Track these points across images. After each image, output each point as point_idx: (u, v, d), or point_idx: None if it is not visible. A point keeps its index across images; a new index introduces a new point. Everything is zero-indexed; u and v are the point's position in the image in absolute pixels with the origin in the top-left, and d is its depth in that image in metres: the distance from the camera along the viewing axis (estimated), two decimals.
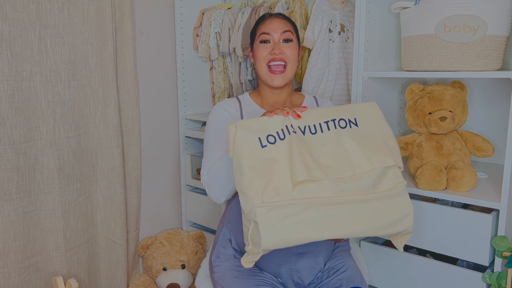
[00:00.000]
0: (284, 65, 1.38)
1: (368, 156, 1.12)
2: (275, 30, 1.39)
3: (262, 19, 1.44)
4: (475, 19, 1.35)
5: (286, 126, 1.12)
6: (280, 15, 1.44)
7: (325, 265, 1.35)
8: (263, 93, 1.45)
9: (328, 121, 1.15)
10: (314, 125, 1.14)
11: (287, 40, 1.39)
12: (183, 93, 2.28)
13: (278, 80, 1.38)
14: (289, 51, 1.38)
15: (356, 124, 1.16)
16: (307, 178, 1.06)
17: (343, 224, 1.08)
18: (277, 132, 1.11)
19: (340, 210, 1.08)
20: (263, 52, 1.39)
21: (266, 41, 1.39)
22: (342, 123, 1.16)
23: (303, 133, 1.13)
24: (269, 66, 1.38)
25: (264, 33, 1.39)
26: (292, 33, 1.41)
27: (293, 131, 1.12)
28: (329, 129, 1.14)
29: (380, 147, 1.14)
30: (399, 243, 1.19)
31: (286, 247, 1.09)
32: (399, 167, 1.16)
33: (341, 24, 1.84)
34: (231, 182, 1.27)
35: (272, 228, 1.04)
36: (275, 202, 1.05)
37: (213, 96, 2.33)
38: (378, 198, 1.11)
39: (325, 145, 1.12)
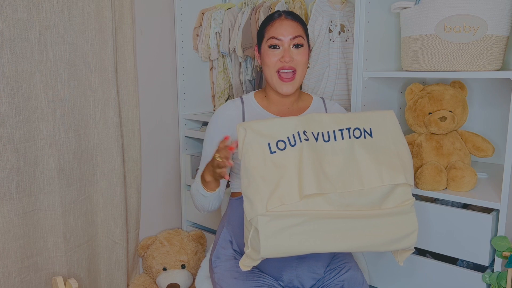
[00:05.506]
0: (294, 71, 1.34)
1: (379, 171, 1.10)
2: (285, 34, 1.32)
3: (271, 20, 1.37)
4: (475, 19, 1.35)
5: (298, 133, 1.09)
6: (290, 16, 1.36)
7: (326, 267, 1.35)
8: (270, 96, 1.41)
9: (343, 129, 1.13)
10: (328, 132, 1.12)
11: (297, 46, 1.34)
12: (183, 93, 2.28)
13: (287, 87, 1.34)
14: (299, 57, 1.33)
15: (370, 135, 1.15)
16: (316, 192, 1.04)
17: (345, 239, 1.07)
18: (288, 138, 1.08)
19: (343, 224, 1.07)
20: (272, 58, 1.33)
21: (276, 46, 1.33)
22: (357, 133, 1.13)
23: (316, 139, 1.11)
24: (278, 73, 1.34)
25: (273, 37, 1.33)
26: (303, 37, 1.35)
27: (305, 139, 1.09)
28: (343, 138, 1.12)
29: (393, 162, 1.12)
30: (400, 258, 1.18)
31: (285, 256, 1.09)
32: (410, 185, 1.14)
33: (341, 24, 1.84)
34: (206, 206, 1.34)
35: (272, 238, 1.04)
36: (278, 211, 1.04)
37: (213, 96, 2.33)
38: (384, 214, 1.10)
39: (337, 155, 1.10)
